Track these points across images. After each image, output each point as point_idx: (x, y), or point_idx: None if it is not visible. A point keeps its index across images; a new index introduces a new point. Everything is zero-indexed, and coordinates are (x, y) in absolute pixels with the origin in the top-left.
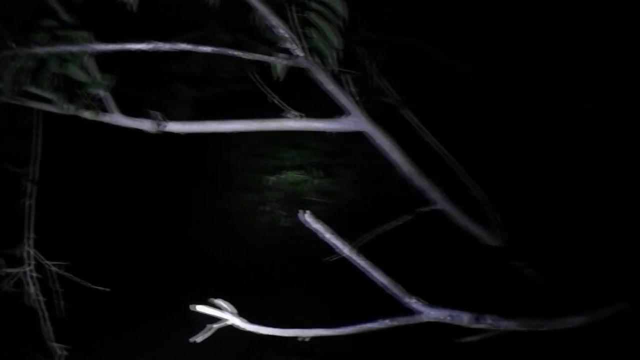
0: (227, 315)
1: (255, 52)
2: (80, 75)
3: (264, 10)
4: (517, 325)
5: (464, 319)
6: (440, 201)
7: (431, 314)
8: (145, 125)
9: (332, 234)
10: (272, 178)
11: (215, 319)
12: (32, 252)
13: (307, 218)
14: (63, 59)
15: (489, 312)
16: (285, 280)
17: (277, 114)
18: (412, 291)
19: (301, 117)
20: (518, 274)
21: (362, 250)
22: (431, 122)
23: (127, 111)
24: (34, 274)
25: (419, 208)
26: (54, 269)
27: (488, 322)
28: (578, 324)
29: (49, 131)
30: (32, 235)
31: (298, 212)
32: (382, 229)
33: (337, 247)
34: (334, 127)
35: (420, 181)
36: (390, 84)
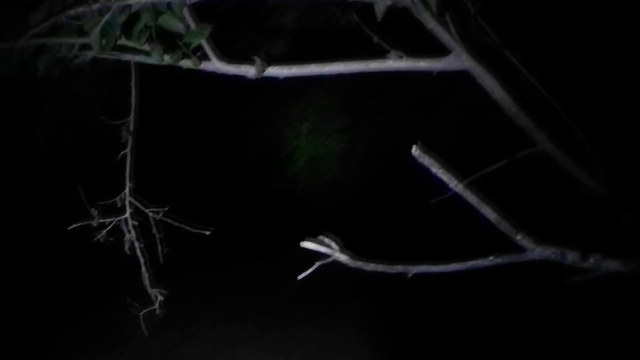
0: (334, 251)
1: None
2: (177, 27)
3: None
4: (621, 265)
5: (570, 256)
6: (543, 142)
7: (538, 251)
8: (248, 70)
9: (442, 168)
10: (367, 120)
11: (321, 256)
12: (130, 199)
13: (417, 152)
14: (157, 11)
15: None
16: (382, 222)
17: (377, 55)
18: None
19: (403, 56)
20: (620, 218)
21: None
22: (534, 63)
23: (223, 57)
24: (134, 221)
25: (522, 150)
26: (154, 210)
27: (594, 261)
28: None
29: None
30: (131, 184)
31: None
32: (486, 170)
33: (446, 183)
34: (436, 66)
35: (524, 121)
36: (492, 25)
